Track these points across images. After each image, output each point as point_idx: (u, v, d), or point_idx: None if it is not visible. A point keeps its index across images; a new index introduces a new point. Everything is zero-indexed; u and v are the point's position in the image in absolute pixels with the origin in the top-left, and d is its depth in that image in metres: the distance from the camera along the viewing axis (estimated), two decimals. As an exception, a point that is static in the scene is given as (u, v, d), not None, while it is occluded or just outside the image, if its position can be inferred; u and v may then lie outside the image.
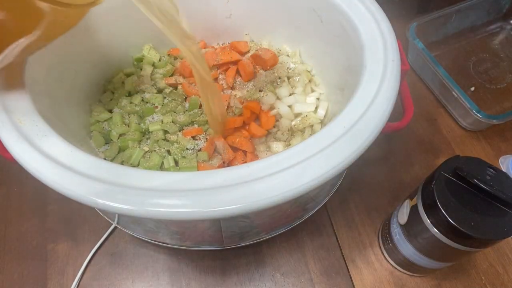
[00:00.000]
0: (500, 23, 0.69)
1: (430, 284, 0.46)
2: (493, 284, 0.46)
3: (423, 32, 0.61)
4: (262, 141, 0.46)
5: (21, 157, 0.31)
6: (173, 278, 0.46)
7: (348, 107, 0.35)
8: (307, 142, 0.33)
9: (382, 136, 0.34)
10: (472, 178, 0.34)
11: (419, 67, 0.64)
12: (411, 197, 0.40)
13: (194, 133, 0.44)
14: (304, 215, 0.47)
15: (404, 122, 0.43)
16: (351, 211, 0.51)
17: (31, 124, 0.34)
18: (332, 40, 0.46)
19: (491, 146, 0.57)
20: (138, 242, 0.49)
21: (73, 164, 0.31)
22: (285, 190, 0.30)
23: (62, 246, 0.48)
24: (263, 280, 0.47)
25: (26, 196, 0.52)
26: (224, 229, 0.40)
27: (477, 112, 0.53)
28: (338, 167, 0.31)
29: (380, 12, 0.41)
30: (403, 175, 0.54)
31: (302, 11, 0.47)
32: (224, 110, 0.45)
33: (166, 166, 0.42)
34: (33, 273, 0.47)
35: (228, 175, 0.31)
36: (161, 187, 0.30)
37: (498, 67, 0.65)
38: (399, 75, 0.37)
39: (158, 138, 0.44)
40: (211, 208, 0.29)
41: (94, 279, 0.46)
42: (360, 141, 0.32)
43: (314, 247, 0.49)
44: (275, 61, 0.51)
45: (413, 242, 0.40)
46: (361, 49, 0.39)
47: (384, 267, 0.47)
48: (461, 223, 0.33)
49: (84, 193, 0.29)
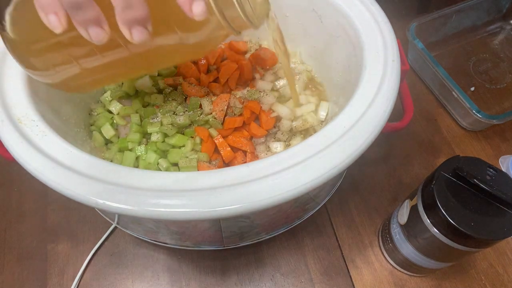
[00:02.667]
0: (500, 23, 0.69)
1: (430, 284, 0.46)
2: (493, 284, 0.46)
3: (423, 32, 0.61)
4: (262, 141, 0.46)
5: (21, 157, 0.32)
6: (173, 278, 0.47)
7: (348, 107, 0.35)
8: (307, 142, 0.33)
9: (382, 136, 0.34)
10: (472, 178, 0.34)
11: (419, 67, 0.64)
12: (411, 197, 0.40)
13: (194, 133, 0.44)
14: (304, 215, 0.47)
15: (404, 122, 0.43)
16: (351, 211, 0.51)
17: (31, 124, 0.34)
18: (332, 40, 0.46)
19: (491, 146, 0.57)
20: (138, 242, 0.49)
21: (73, 164, 0.31)
22: (285, 190, 0.30)
23: (62, 246, 0.48)
24: (263, 280, 0.47)
25: (26, 196, 0.52)
26: (224, 229, 0.40)
27: (477, 112, 0.53)
28: (338, 167, 0.31)
29: (380, 12, 0.41)
30: (403, 175, 0.54)
31: (302, 11, 0.47)
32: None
33: (165, 165, 0.42)
34: (33, 273, 0.47)
35: (228, 175, 0.31)
36: (161, 187, 0.30)
37: (498, 67, 0.65)
38: (399, 75, 0.37)
39: (157, 140, 0.44)
40: (211, 208, 0.29)
41: (94, 279, 0.46)
42: (360, 141, 0.32)
43: (314, 247, 0.49)
44: (275, 61, 0.51)
45: (413, 242, 0.40)
46: (361, 49, 0.39)
47: (384, 267, 0.47)
48: (461, 223, 0.33)
49: (84, 193, 0.30)
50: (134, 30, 0.25)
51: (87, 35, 0.25)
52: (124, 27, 0.25)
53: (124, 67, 0.33)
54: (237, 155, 0.44)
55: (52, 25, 0.25)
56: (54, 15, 0.24)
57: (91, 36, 0.25)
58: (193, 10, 0.25)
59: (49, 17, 0.24)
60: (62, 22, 0.24)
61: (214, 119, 0.45)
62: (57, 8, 0.24)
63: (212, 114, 0.46)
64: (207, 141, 0.44)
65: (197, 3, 0.24)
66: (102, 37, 0.25)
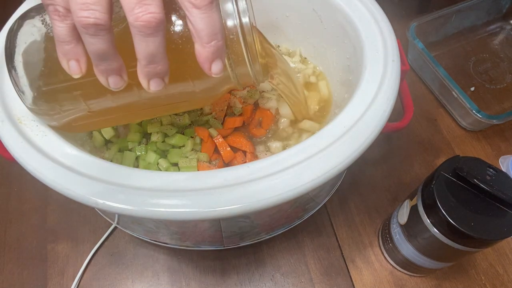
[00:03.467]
0: (500, 23, 0.69)
1: (430, 284, 0.46)
2: (493, 284, 0.46)
3: (423, 32, 0.61)
4: (262, 141, 0.46)
5: (21, 157, 0.32)
6: (173, 278, 0.47)
7: (348, 107, 0.35)
8: (307, 142, 0.33)
9: (382, 136, 0.34)
10: (472, 178, 0.34)
11: (419, 67, 0.64)
12: (411, 197, 0.40)
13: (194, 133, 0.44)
14: (304, 215, 0.47)
15: (404, 122, 0.43)
16: (351, 211, 0.51)
17: (31, 124, 0.34)
18: (332, 40, 0.46)
19: (491, 146, 0.57)
20: (138, 242, 0.49)
21: (73, 164, 0.31)
22: (285, 190, 0.30)
23: (62, 246, 0.48)
24: (263, 280, 0.47)
25: (26, 196, 0.52)
26: (224, 229, 0.40)
27: (477, 112, 0.53)
28: (338, 167, 0.31)
29: (380, 12, 0.41)
30: (403, 175, 0.54)
31: (302, 11, 0.47)
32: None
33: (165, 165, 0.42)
34: (33, 273, 0.47)
35: (228, 175, 0.31)
36: (161, 187, 0.30)
37: (498, 67, 0.65)
38: (399, 75, 0.37)
39: (157, 140, 0.44)
40: (211, 208, 0.29)
41: (94, 279, 0.46)
42: (360, 141, 0.32)
43: (314, 247, 0.49)
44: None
45: (413, 242, 0.40)
46: (361, 49, 0.39)
47: (384, 267, 0.47)
48: (461, 223, 0.33)
49: (84, 193, 0.30)
50: (152, 81, 0.26)
51: (105, 82, 0.26)
52: (145, 79, 0.26)
53: (129, 111, 0.34)
54: (237, 155, 0.44)
55: (72, 70, 0.26)
56: (75, 62, 0.25)
57: (110, 83, 0.26)
58: (212, 69, 0.27)
59: (70, 63, 0.26)
60: (82, 68, 0.26)
61: (214, 119, 0.45)
62: (79, 55, 0.25)
63: (212, 114, 0.46)
64: (207, 141, 0.44)
65: (216, 63, 0.27)
66: (121, 85, 0.27)
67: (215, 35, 0.25)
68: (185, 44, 0.29)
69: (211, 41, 0.25)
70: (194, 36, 0.26)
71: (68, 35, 0.25)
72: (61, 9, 0.24)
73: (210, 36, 0.25)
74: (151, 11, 0.23)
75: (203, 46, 0.26)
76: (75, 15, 0.23)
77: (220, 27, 0.26)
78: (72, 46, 0.25)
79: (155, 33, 0.24)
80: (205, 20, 0.25)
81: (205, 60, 0.26)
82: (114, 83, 0.26)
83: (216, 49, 0.26)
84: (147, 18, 0.23)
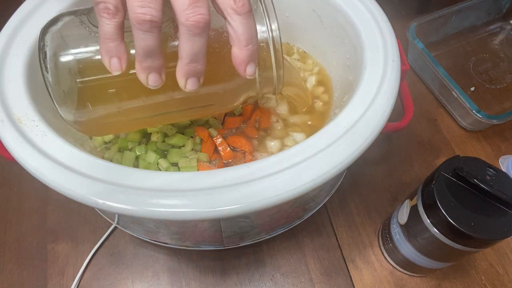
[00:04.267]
0: (500, 23, 0.69)
1: (430, 284, 0.46)
2: (493, 284, 0.46)
3: (423, 32, 0.61)
4: (261, 141, 0.46)
5: (21, 157, 0.31)
6: (173, 278, 0.47)
7: (348, 107, 0.35)
8: (307, 142, 0.33)
9: (382, 136, 0.34)
10: (472, 178, 0.34)
11: (419, 67, 0.64)
12: (411, 197, 0.40)
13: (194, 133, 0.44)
14: (304, 215, 0.47)
15: (404, 122, 0.43)
16: (351, 211, 0.51)
17: (31, 124, 0.34)
18: (332, 40, 0.46)
19: (491, 146, 0.57)
20: (138, 242, 0.49)
21: (73, 164, 0.31)
22: (285, 190, 0.30)
23: (62, 246, 0.48)
24: (263, 280, 0.47)
25: (26, 196, 0.52)
26: (224, 229, 0.40)
27: (477, 112, 0.53)
28: (338, 167, 0.31)
29: (380, 12, 0.41)
30: (403, 175, 0.54)
31: (302, 11, 0.47)
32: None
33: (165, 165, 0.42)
34: (33, 273, 0.47)
35: (228, 175, 0.31)
36: (161, 187, 0.30)
37: (498, 67, 0.65)
38: (399, 75, 0.37)
39: (157, 140, 0.44)
40: (211, 208, 0.29)
41: (94, 279, 0.46)
42: (360, 141, 0.32)
43: (314, 247, 0.49)
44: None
45: (413, 242, 0.40)
46: (361, 49, 0.39)
47: (384, 267, 0.47)
48: (461, 223, 0.33)
49: (84, 193, 0.30)
50: (190, 80, 0.28)
51: (145, 80, 0.27)
52: (183, 77, 0.27)
53: (155, 112, 0.35)
54: (237, 155, 0.44)
55: (113, 67, 0.27)
56: (117, 59, 0.26)
57: (149, 81, 0.27)
58: (247, 70, 0.29)
59: (112, 60, 0.26)
60: (123, 66, 0.27)
61: (214, 119, 0.45)
62: (121, 53, 0.26)
63: (212, 114, 0.46)
64: (207, 141, 0.44)
65: (251, 65, 0.29)
66: (159, 83, 0.28)
67: (252, 39, 0.27)
68: (222, 48, 0.31)
69: (248, 45, 0.27)
70: (234, 40, 0.27)
71: (114, 33, 0.26)
72: (111, 7, 0.25)
73: (248, 40, 0.27)
74: (201, 13, 0.25)
75: (241, 49, 0.28)
76: (132, 12, 0.24)
77: (256, 33, 0.28)
78: (117, 44, 0.26)
79: (202, 33, 0.25)
80: (245, 25, 0.27)
81: (241, 62, 0.28)
82: (154, 80, 0.27)
83: (252, 52, 0.28)
84: (198, 19, 0.25)
